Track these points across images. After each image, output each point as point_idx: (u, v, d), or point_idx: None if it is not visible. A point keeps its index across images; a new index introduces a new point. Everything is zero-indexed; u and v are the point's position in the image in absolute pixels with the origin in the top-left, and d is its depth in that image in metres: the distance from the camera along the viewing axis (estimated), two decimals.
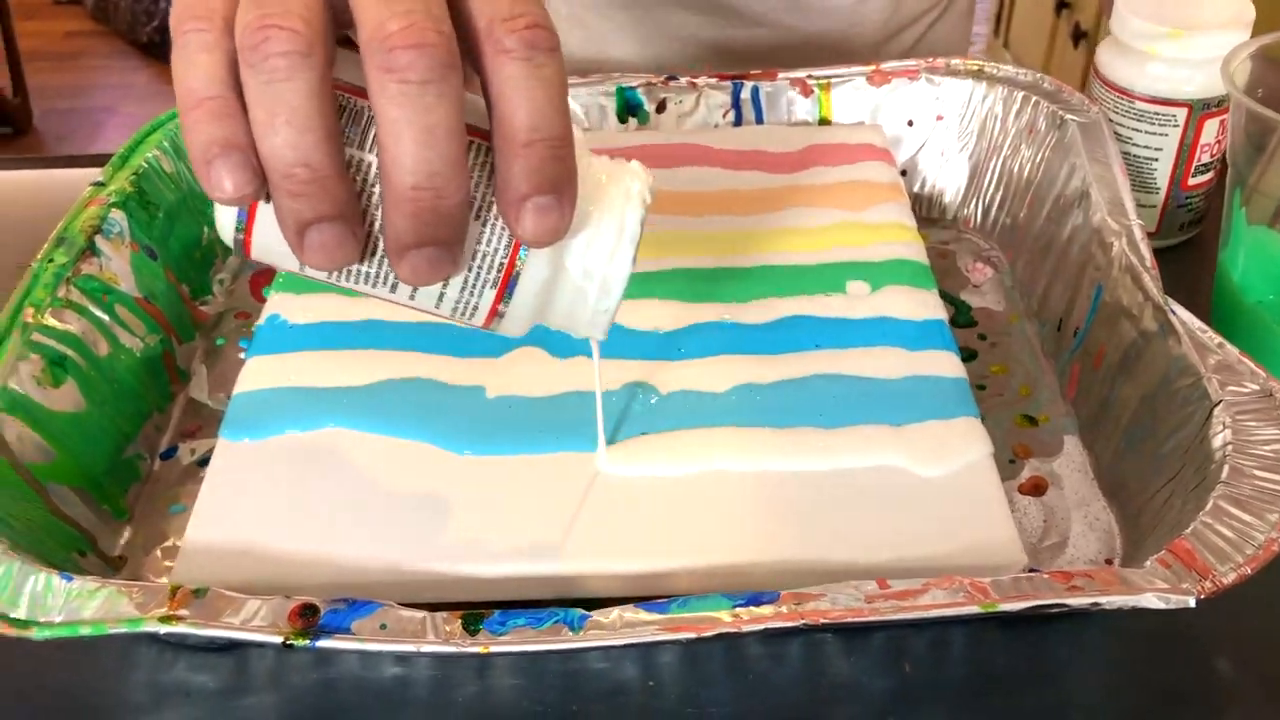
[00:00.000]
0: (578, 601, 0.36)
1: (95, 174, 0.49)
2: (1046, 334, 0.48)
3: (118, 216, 0.47)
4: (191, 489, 0.43)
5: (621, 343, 0.42)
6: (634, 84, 0.55)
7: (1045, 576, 0.32)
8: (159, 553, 0.41)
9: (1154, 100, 0.50)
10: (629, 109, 0.55)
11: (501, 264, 0.31)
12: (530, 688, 0.36)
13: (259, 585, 0.35)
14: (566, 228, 0.29)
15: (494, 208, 0.30)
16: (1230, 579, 0.32)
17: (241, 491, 0.38)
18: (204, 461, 0.44)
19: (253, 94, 0.27)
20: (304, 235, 0.28)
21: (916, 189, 0.56)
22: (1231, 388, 0.37)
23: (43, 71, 2.41)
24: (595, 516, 0.37)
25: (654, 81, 0.55)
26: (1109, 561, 0.40)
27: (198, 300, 0.51)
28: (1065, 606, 0.32)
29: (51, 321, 0.42)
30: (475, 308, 0.32)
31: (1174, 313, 0.40)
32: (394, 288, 0.31)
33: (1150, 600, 0.31)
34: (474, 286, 0.31)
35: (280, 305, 0.44)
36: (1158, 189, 0.52)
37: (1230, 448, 0.35)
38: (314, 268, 0.30)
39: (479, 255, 0.31)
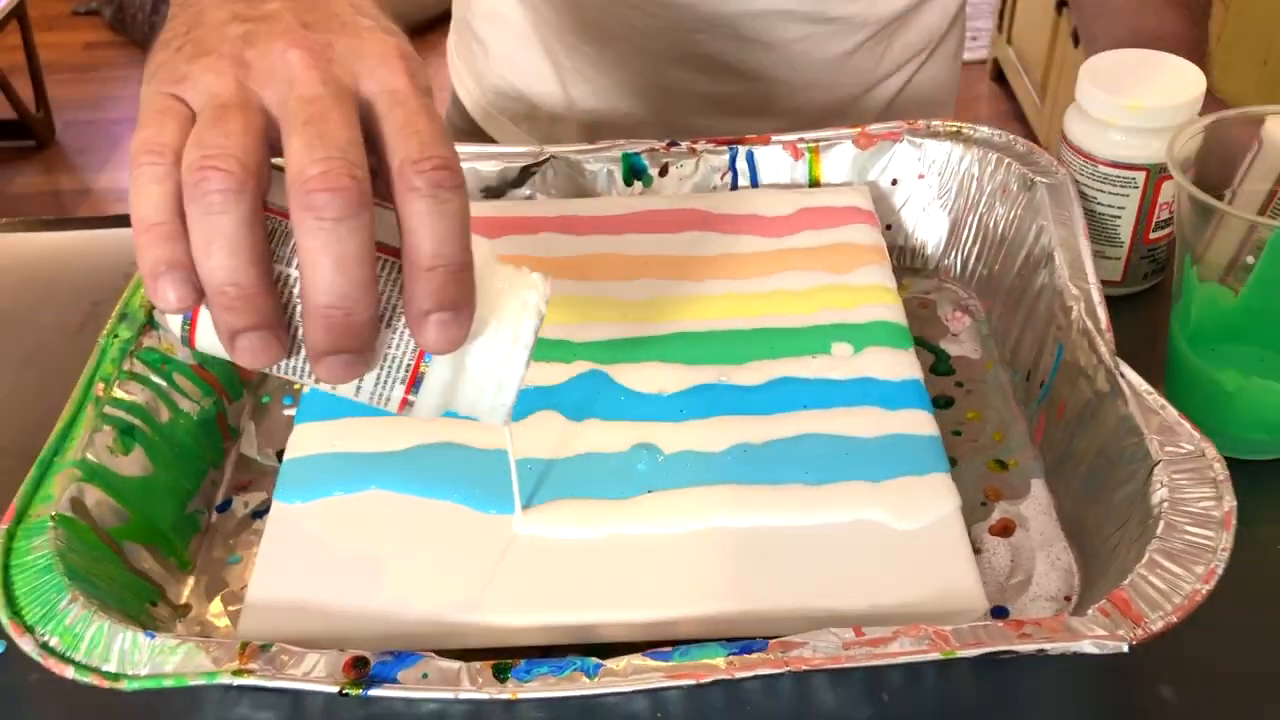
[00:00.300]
0: (594, 647, 0.41)
1: None
2: (1018, 382, 0.53)
3: None
4: (246, 539, 0.49)
5: (631, 405, 0.47)
6: (639, 150, 0.59)
7: (1000, 625, 0.37)
8: (220, 600, 0.46)
9: (1115, 165, 0.54)
10: (634, 173, 0.60)
11: (409, 365, 0.36)
12: (553, 718, 0.41)
13: (314, 635, 0.41)
14: (463, 338, 0.35)
15: (404, 317, 0.36)
16: (1158, 627, 0.36)
17: (296, 551, 0.43)
18: (257, 514, 0.50)
19: (193, 222, 0.33)
20: (234, 340, 0.34)
21: (901, 241, 0.60)
22: (1170, 448, 0.42)
23: (63, 84, 2.47)
24: (608, 570, 0.41)
25: (657, 148, 0.59)
26: (1068, 599, 0.44)
27: None
28: (1015, 653, 0.36)
29: (119, 393, 0.47)
30: (388, 399, 0.37)
31: (1123, 376, 0.44)
32: (318, 380, 0.37)
33: (1088, 646, 0.36)
34: (386, 382, 0.37)
35: None
36: (1122, 243, 0.56)
37: (1166, 504, 0.40)
38: (244, 365, 0.35)
39: (390, 357, 0.36)
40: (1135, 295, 0.58)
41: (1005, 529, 0.47)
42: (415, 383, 0.36)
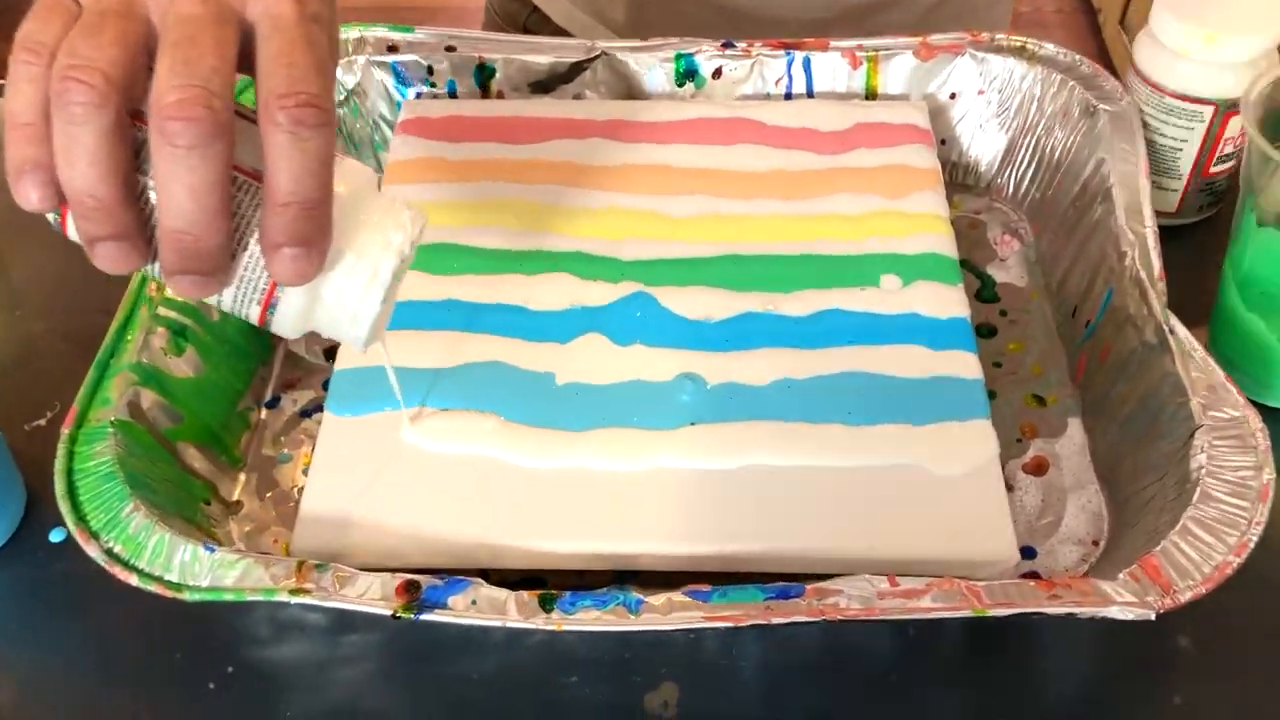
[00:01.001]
0: (629, 574, 0.43)
1: None
2: (1063, 316, 0.53)
3: None
4: (295, 438, 0.50)
5: (676, 331, 0.47)
6: (692, 50, 0.58)
7: (1031, 585, 0.38)
8: (269, 498, 0.48)
9: (1184, 97, 0.53)
10: (687, 74, 0.58)
11: (263, 289, 0.37)
12: (588, 635, 0.43)
13: (365, 550, 0.42)
14: (314, 273, 0.35)
15: None
16: (1187, 597, 0.38)
17: (347, 466, 0.44)
18: (305, 412, 0.51)
19: (56, 129, 0.33)
20: (93, 247, 0.35)
21: (954, 157, 0.59)
22: (1213, 412, 0.42)
23: None
24: (648, 501, 0.43)
25: (712, 48, 0.58)
26: (1095, 543, 0.45)
27: None
28: (1044, 615, 0.38)
29: (171, 293, 0.48)
30: (247, 315, 0.38)
31: (1173, 332, 0.44)
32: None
33: (1116, 612, 0.37)
34: (243, 300, 0.37)
35: None
36: (1181, 175, 0.55)
37: (1204, 471, 0.40)
38: (104, 270, 0.36)
39: (245, 279, 0.36)
40: (1189, 225, 0.58)
41: (1039, 467, 0.48)
42: (270, 305, 0.37)
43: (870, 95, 0.59)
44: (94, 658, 0.44)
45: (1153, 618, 0.37)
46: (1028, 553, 0.45)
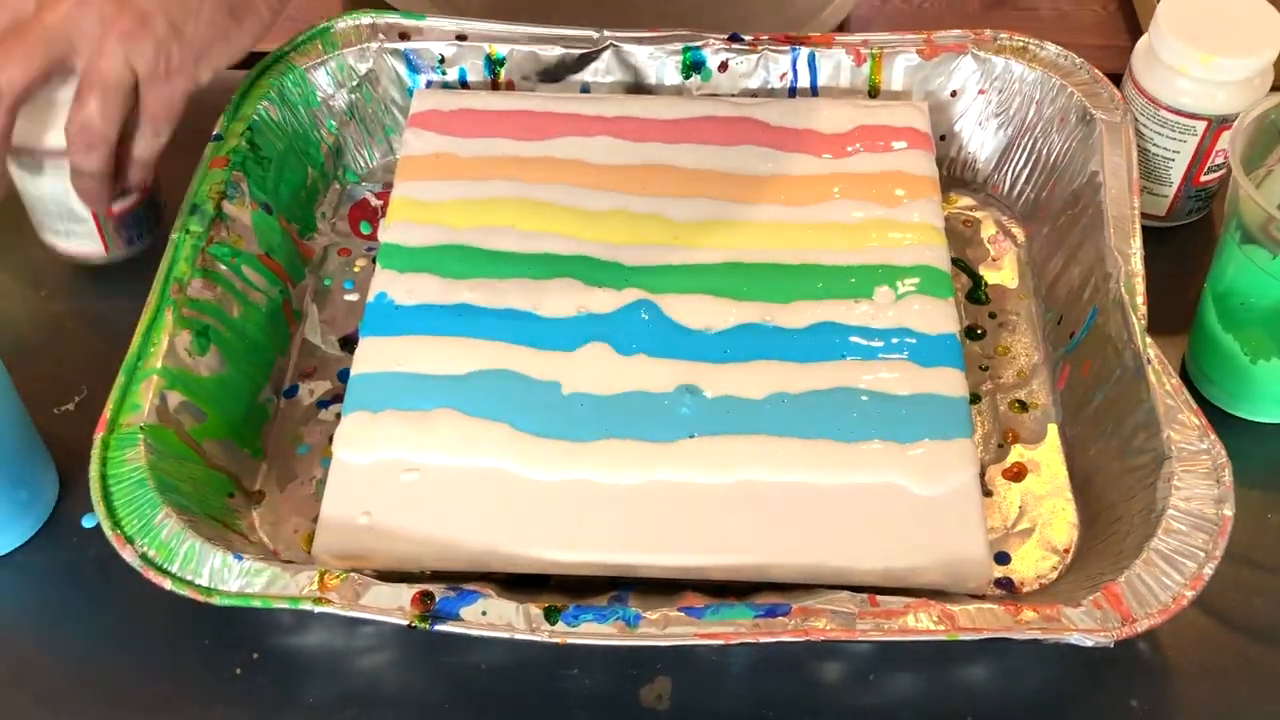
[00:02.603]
0: (626, 581, 0.46)
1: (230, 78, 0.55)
2: (1049, 321, 0.55)
3: (237, 178, 0.53)
4: (314, 428, 0.52)
5: (677, 342, 0.50)
6: (699, 44, 0.59)
7: (1001, 610, 0.41)
8: (291, 489, 0.50)
9: (1178, 112, 0.54)
10: (694, 66, 0.59)
11: None
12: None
13: (381, 554, 0.45)
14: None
15: None
16: (1143, 627, 0.41)
17: (363, 471, 0.47)
18: (322, 403, 0.53)
19: None
20: None
21: (953, 153, 0.61)
22: (1183, 445, 0.44)
23: None
24: (648, 513, 0.45)
25: (719, 42, 0.59)
26: (1065, 552, 0.48)
27: (305, 238, 0.58)
28: (1010, 640, 0.41)
29: (194, 293, 0.50)
30: None
31: (1149, 361, 0.47)
32: None
33: (1077, 639, 0.40)
34: None
35: (386, 284, 0.51)
36: (1171, 183, 0.57)
37: (1170, 502, 0.43)
38: None
39: None
40: (1176, 228, 0.59)
41: (1018, 474, 0.51)
42: None
43: (873, 92, 0.60)
44: (125, 641, 0.47)
45: (1111, 646, 0.40)
46: (1002, 558, 0.48)
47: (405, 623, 0.41)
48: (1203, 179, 0.56)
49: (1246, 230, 0.48)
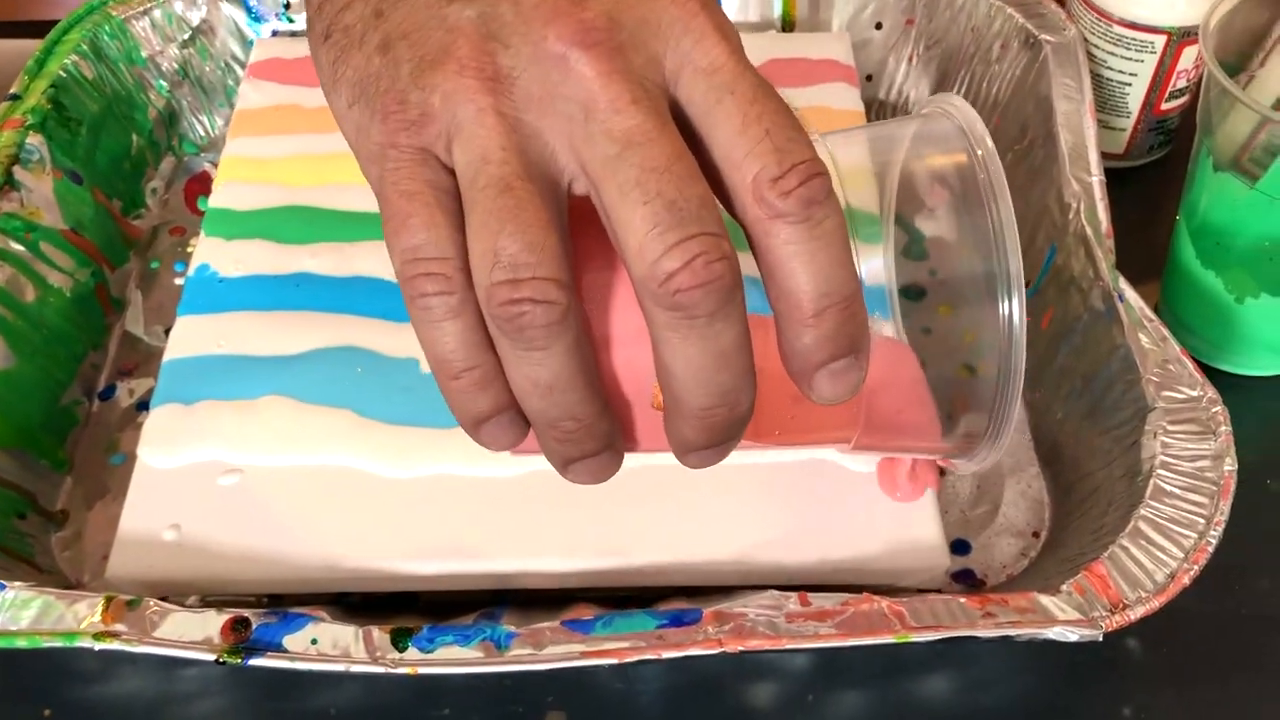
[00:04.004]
0: (506, 594, 0.37)
1: (29, 47, 0.47)
2: (999, 273, 0.47)
3: (36, 142, 0.45)
4: (131, 435, 0.43)
5: None
6: None
7: (962, 602, 0.33)
8: (99, 507, 0.41)
9: (1133, 25, 0.47)
10: None
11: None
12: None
13: (195, 577, 0.36)
14: (863, 381, 0.27)
15: None
16: (1138, 613, 0.33)
17: (172, 476, 0.38)
18: (143, 405, 0.44)
19: (509, 360, 0.26)
20: (570, 466, 0.28)
21: (881, 95, 0.53)
22: (1167, 392, 0.37)
23: None
24: (524, 510, 0.37)
25: None
26: (1036, 534, 0.40)
27: (130, 215, 0.49)
28: (976, 638, 0.32)
29: None
30: None
31: (1122, 299, 0.39)
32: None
33: (1059, 633, 0.32)
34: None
35: (210, 254, 0.43)
36: (1129, 113, 0.50)
37: (1157, 461, 0.35)
38: (576, 483, 0.29)
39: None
40: (1138, 169, 0.52)
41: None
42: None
43: (787, 25, 0.52)
44: None
45: (1100, 639, 0.32)
46: (960, 547, 0.40)
47: (213, 657, 0.33)
48: (1164, 107, 0.49)
49: (1219, 155, 0.41)
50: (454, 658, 0.33)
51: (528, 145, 0.26)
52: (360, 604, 0.38)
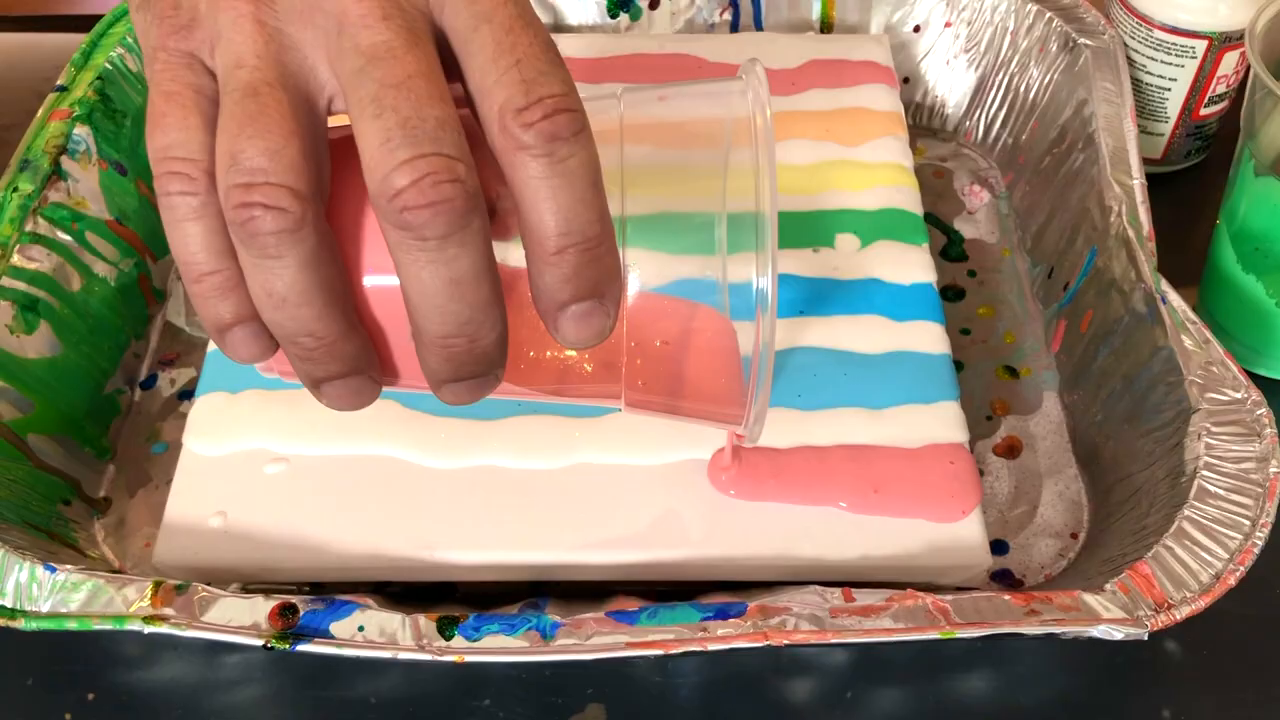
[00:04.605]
0: (545, 586, 0.37)
1: (75, 41, 0.47)
2: (1038, 276, 0.47)
3: (83, 133, 0.45)
4: (173, 424, 0.44)
5: None
6: None
7: (1006, 599, 0.33)
8: (141, 495, 0.42)
9: (1174, 30, 0.47)
10: (620, 3, 0.52)
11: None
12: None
13: (240, 564, 0.36)
14: (611, 328, 0.27)
15: None
16: (1184, 613, 0.33)
17: (218, 464, 0.38)
18: (184, 394, 0.45)
19: (246, 267, 0.26)
20: (319, 388, 0.28)
21: (918, 98, 0.54)
22: (1211, 394, 0.37)
23: None
24: (571, 502, 0.37)
25: None
26: (1074, 536, 0.40)
27: None
28: (1020, 635, 0.32)
29: (20, 261, 0.41)
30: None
31: (1165, 301, 0.39)
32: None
33: (1104, 631, 0.32)
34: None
35: None
36: (1167, 118, 0.50)
37: (1202, 463, 0.35)
38: (336, 410, 0.29)
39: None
40: (1174, 174, 0.52)
41: (1011, 449, 0.43)
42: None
43: (826, 27, 0.52)
44: None
45: (1145, 637, 0.32)
46: (999, 547, 0.40)
47: (261, 642, 0.33)
48: (1203, 112, 0.49)
49: (1261, 159, 0.41)
50: (500, 646, 0.33)
51: (286, 56, 0.26)
52: (401, 594, 0.38)
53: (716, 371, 0.31)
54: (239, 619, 0.33)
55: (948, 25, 0.52)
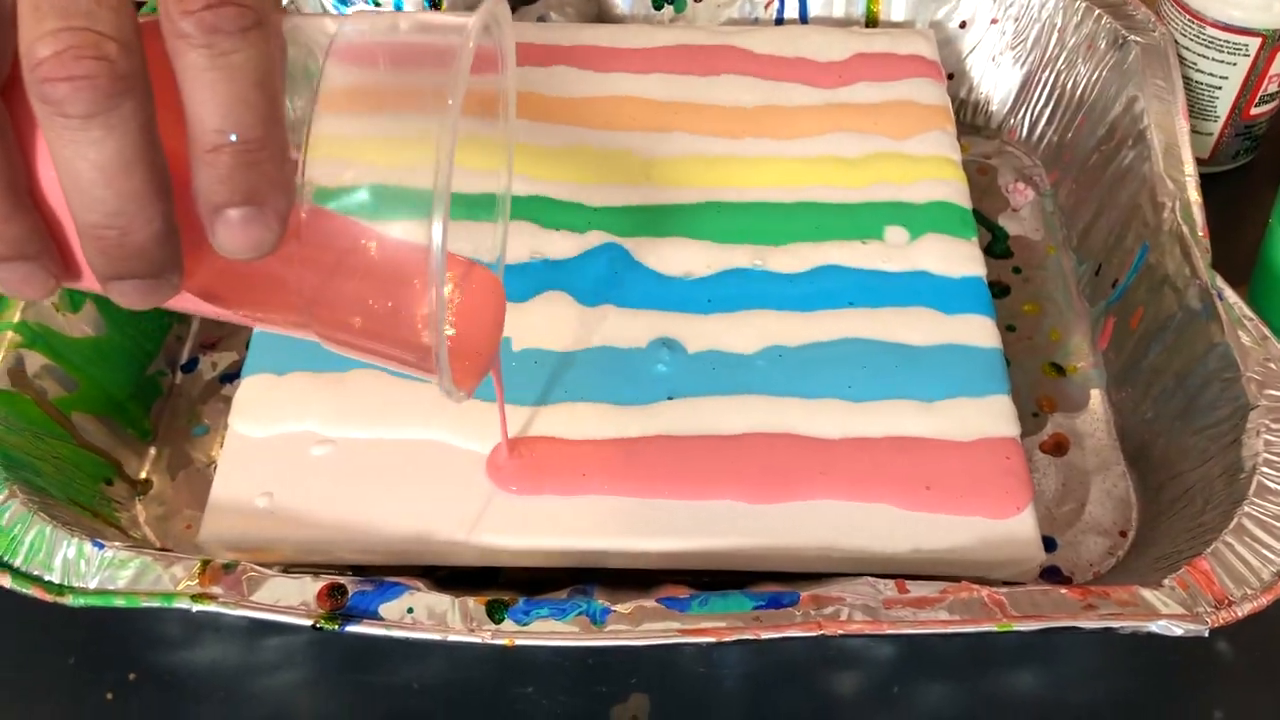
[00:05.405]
0: (592, 573, 0.37)
1: None
2: (1084, 273, 0.47)
3: None
4: (214, 406, 0.44)
5: (651, 290, 0.41)
6: None
7: (1063, 592, 0.33)
8: (182, 477, 0.42)
9: (1227, 28, 0.47)
10: None
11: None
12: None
13: (285, 544, 0.36)
14: (273, 241, 0.25)
15: None
16: (1245, 610, 0.32)
17: (264, 446, 0.38)
18: (225, 377, 0.44)
19: None
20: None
21: (963, 94, 0.53)
22: (1271, 390, 0.36)
23: None
24: (618, 489, 0.37)
25: None
26: (1123, 534, 0.40)
27: None
28: (1077, 629, 0.32)
29: None
30: None
31: (1221, 297, 0.39)
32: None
33: (1163, 627, 0.32)
34: None
35: None
36: (1217, 117, 0.49)
37: (1261, 459, 0.35)
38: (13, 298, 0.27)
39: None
40: (1222, 174, 0.52)
41: (1058, 446, 0.43)
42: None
43: (871, 21, 0.52)
44: None
45: (1206, 634, 0.32)
46: (1048, 544, 0.40)
47: (309, 622, 0.32)
48: (1253, 112, 0.49)
49: None
50: (550, 630, 0.32)
51: None
52: (443, 579, 0.38)
53: (397, 308, 0.27)
54: (287, 599, 0.33)
55: (994, 22, 0.52)
